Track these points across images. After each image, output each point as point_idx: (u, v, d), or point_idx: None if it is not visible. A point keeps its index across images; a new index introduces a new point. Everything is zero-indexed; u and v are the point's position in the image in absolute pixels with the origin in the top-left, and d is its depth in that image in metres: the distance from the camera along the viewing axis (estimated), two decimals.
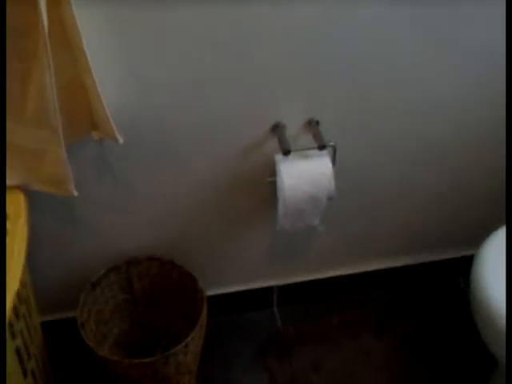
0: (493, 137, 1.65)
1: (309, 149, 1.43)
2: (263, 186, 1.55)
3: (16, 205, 1.28)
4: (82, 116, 1.26)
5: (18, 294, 1.26)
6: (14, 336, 1.26)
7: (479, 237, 1.49)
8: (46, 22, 1.03)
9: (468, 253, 1.51)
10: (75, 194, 1.31)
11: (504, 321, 1.29)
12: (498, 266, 1.39)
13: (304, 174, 1.42)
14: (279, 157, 1.43)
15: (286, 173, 1.42)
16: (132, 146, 1.38)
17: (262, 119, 1.44)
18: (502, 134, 1.63)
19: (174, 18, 1.21)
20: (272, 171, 1.48)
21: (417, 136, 1.59)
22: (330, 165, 1.43)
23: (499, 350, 1.36)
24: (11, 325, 1.23)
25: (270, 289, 1.89)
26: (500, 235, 1.47)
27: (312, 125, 1.45)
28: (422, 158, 1.65)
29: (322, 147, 1.40)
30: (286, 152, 1.38)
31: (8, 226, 1.22)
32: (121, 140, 1.27)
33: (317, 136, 1.43)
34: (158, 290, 1.68)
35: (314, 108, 1.45)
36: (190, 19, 1.22)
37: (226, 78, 1.34)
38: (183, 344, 1.42)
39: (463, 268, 1.79)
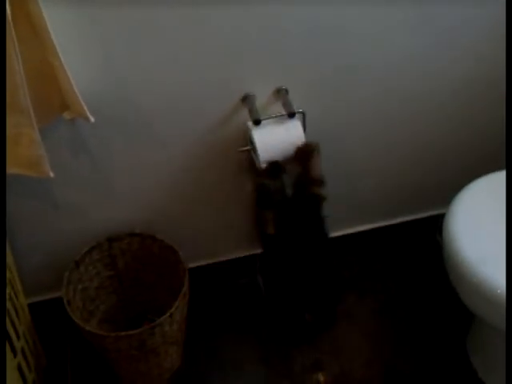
0: (464, 95, 1.68)
1: (279, 117, 1.46)
2: (236, 156, 1.57)
3: None
4: (52, 98, 1.27)
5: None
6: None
7: (453, 194, 1.53)
8: (8, 7, 1.04)
9: (444, 211, 1.53)
10: (51, 175, 1.32)
11: (476, 279, 1.32)
12: (468, 223, 1.43)
13: (276, 142, 1.45)
14: (251, 125, 1.45)
15: (259, 140, 1.44)
16: (105, 124, 1.40)
17: (232, 91, 1.46)
18: (471, 92, 1.67)
19: None
20: (244, 141, 1.50)
21: (386, 97, 1.62)
22: (301, 132, 1.46)
23: (473, 303, 1.41)
24: None
25: (252, 257, 1.92)
26: (469, 192, 1.50)
27: (281, 93, 1.47)
28: (393, 119, 1.68)
29: (291, 115, 1.43)
30: (257, 122, 1.41)
31: None
32: (92, 119, 1.29)
33: (286, 104, 1.45)
34: (140, 264, 1.71)
35: (282, 77, 1.47)
36: None
37: (194, 51, 1.35)
38: (168, 314, 1.45)
39: (440, 225, 1.82)
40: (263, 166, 1.46)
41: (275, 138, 1.45)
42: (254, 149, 1.47)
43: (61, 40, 1.16)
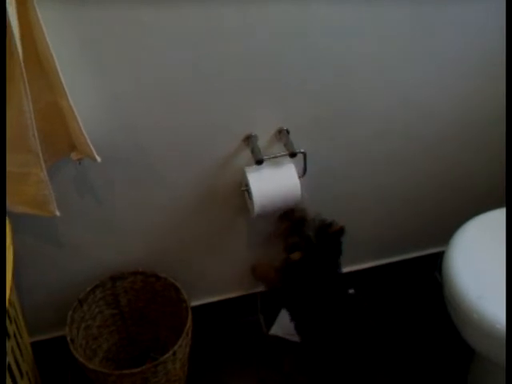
0: (463, 135, 1.72)
1: (280, 157, 1.49)
2: (239, 195, 1.60)
3: None
4: (60, 138, 1.30)
5: (8, 314, 1.29)
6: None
7: (452, 232, 1.54)
8: (20, 50, 1.08)
9: (442, 249, 1.56)
10: (58, 214, 1.34)
11: (476, 315, 1.34)
12: (467, 260, 1.45)
13: (272, 189, 1.49)
14: (249, 169, 1.49)
15: (254, 186, 1.47)
16: (111, 164, 1.43)
17: (235, 132, 1.49)
18: (470, 133, 1.71)
19: (145, 37, 1.26)
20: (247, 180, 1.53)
21: (386, 137, 1.65)
22: (296, 175, 1.49)
23: (472, 338, 1.42)
24: None
25: (254, 295, 1.94)
26: (467, 230, 1.53)
27: (282, 134, 1.50)
28: (393, 157, 1.71)
29: (292, 155, 1.46)
30: (259, 162, 1.44)
31: None
32: (99, 159, 1.32)
33: (288, 144, 1.48)
34: (143, 302, 1.72)
35: (283, 118, 1.50)
36: (163, 39, 1.27)
37: (197, 93, 1.38)
38: (171, 352, 1.46)
39: (439, 263, 1.84)
40: (257, 213, 1.50)
41: (270, 186, 1.48)
42: (249, 194, 1.51)
43: (69, 81, 1.19)
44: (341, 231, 1.55)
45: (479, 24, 1.48)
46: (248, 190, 1.50)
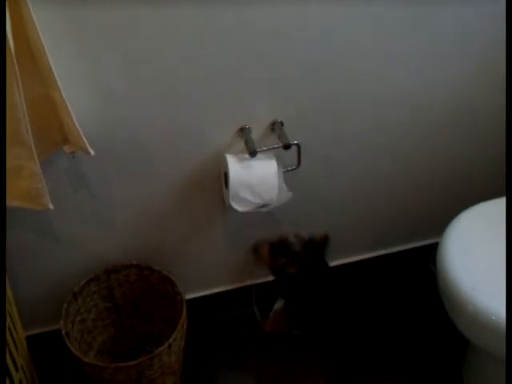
0: (458, 126, 1.73)
1: (274, 148, 1.49)
2: None
3: None
4: (53, 131, 1.30)
5: None
6: None
7: (446, 224, 1.54)
8: (11, 42, 1.07)
9: (436, 240, 1.56)
10: (51, 207, 1.33)
11: (471, 306, 1.33)
12: (461, 251, 1.45)
13: (249, 186, 1.48)
14: (230, 159, 1.48)
15: (233, 178, 1.46)
16: (104, 157, 1.42)
17: (229, 124, 1.49)
18: (463, 125, 1.72)
19: (137, 31, 1.25)
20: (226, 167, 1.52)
21: (381, 129, 1.65)
22: (275, 172, 1.49)
23: (468, 330, 1.42)
24: None
25: (248, 287, 1.94)
26: (461, 221, 1.53)
27: (276, 126, 1.50)
28: (387, 149, 1.71)
29: (286, 147, 1.46)
30: (252, 153, 1.44)
31: None
32: (92, 152, 1.31)
33: (281, 136, 1.48)
34: (138, 295, 1.72)
35: (277, 110, 1.50)
36: (154, 32, 1.27)
37: (192, 87, 1.38)
38: (166, 345, 1.46)
39: (433, 255, 1.84)
40: (231, 203, 1.50)
41: (248, 180, 1.48)
42: (226, 184, 1.51)
43: (61, 74, 1.18)
44: (326, 239, 1.61)
45: (479, 24, 1.48)
46: (226, 177, 1.50)
